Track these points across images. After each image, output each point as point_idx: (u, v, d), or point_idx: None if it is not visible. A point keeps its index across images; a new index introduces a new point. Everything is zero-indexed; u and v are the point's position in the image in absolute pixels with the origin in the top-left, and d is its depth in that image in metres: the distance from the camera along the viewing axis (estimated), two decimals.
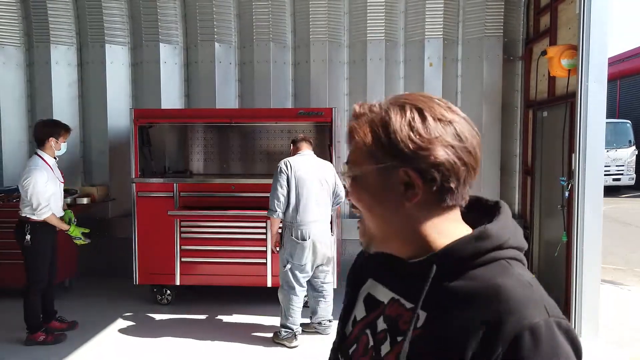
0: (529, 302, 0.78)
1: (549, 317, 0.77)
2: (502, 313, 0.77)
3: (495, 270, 0.82)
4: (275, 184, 4.16)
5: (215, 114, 5.48)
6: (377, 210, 0.87)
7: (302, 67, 6.16)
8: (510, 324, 0.76)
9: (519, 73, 6.03)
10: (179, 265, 5.18)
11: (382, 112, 0.85)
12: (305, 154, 4.36)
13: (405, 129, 0.82)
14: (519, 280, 0.81)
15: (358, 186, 0.88)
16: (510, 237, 0.86)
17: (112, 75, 6.24)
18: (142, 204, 5.20)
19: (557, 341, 0.77)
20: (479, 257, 0.83)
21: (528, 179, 5.91)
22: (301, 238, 4.16)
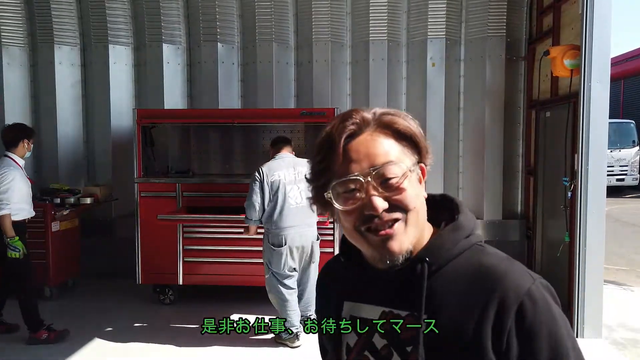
0: (516, 273, 0.89)
1: (535, 280, 0.89)
2: (500, 289, 0.86)
3: (475, 254, 0.93)
4: (250, 192, 4.12)
5: (217, 114, 5.49)
6: (415, 202, 0.91)
7: (305, 67, 6.16)
8: (511, 297, 0.86)
9: (521, 73, 6.03)
10: (181, 265, 5.20)
11: (395, 117, 0.93)
12: (282, 156, 4.25)
13: (419, 130, 0.94)
14: (499, 257, 0.93)
15: (410, 184, 0.91)
16: (474, 225, 0.97)
17: (115, 75, 6.26)
18: (145, 204, 5.21)
19: (546, 298, 0.88)
20: (456, 246, 0.92)
21: (531, 179, 5.90)
22: (277, 244, 4.09)
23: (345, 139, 0.90)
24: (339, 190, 0.90)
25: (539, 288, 0.88)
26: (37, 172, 6.36)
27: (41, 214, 5.29)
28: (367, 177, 0.88)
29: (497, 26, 5.91)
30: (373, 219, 0.89)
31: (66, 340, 4.39)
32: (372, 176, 0.88)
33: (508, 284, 0.87)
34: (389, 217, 0.89)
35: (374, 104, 5.99)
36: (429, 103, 5.99)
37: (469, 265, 0.91)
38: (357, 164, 0.89)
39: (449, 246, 0.92)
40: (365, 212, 0.89)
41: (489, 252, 0.94)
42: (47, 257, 5.34)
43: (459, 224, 0.94)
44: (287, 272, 4.15)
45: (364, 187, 0.89)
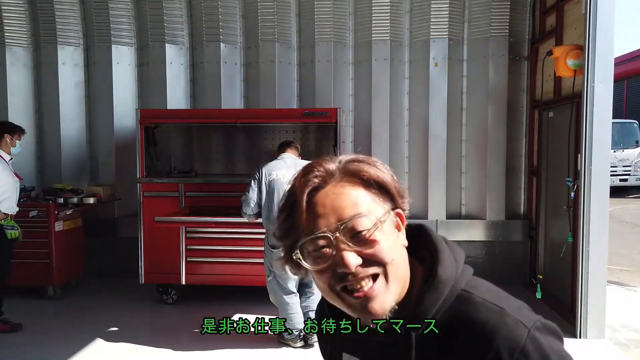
0: (508, 327, 0.82)
1: (529, 330, 0.82)
2: (493, 350, 0.81)
3: (462, 306, 0.85)
4: (247, 188, 4.13)
5: (220, 114, 5.50)
6: (392, 251, 0.85)
7: (307, 67, 6.17)
8: (505, 356, 0.80)
9: (524, 73, 6.01)
10: (184, 265, 5.20)
11: (362, 164, 0.88)
12: (284, 157, 4.23)
13: (389, 175, 0.89)
14: (488, 308, 0.84)
15: (384, 235, 0.84)
16: (456, 269, 0.89)
17: (119, 75, 6.27)
18: (148, 204, 5.22)
19: (543, 346, 0.81)
20: (441, 305, 0.86)
21: (534, 179, 5.89)
22: (272, 246, 4.03)
23: (309, 194, 0.85)
24: (309, 248, 0.85)
25: (534, 338, 0.81)
26: (41, 172, 6.38)
27: (44, 213, 5.33)
28: (336, 233, 0.83)
29: (499, 26, 5.90)
30: (347, 277, 0.83)
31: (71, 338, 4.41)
32: (340, 231, 0.82)
33: (501, 343, 0.81)
34: (364, 273, 0.83)
35: (376, 104, 6.02)
36: (431, 103, 5.98)
37: (458, 322, 0.84)
38: (323, 219, 0.83)
39: (432, 309, 0.86)
40: (338, 270, 0.83)
41: (475, 301, 0.85)
42: (51, 257, 5.36)
43: (439, 280, 0.86)
44: (289, 274, 4.10)
45: (333, 243, 0.83)
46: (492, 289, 0.89)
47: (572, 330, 4.48)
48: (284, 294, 4.12)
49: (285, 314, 4.17)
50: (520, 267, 5.97)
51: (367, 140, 6.06)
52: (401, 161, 6.11)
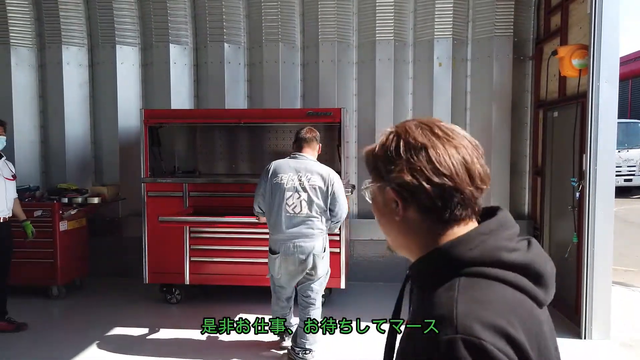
0: (441, 320, 0.82)
1: (456, 335, 0.79)
2: (425, 325, 0.83)
3: (443, 288, 0.87)
4: (257, 185, 3.96)
5: (224, 114, 5.51)
6: (381, 222, 0.99)
7: (311, 67, 6.17)
8: (426, 334, 0.82)
9: (529, 73, 6.00)
10: (188, 265, 5.21)
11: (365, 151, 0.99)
12: (297, 156, 3.86)
13: (382, 152, 0.94)
14: (449, 299, 0.84)
15: (373, 201, 1.00)
16: (465, 253, 0.88)
17: (123, 75, 6.28)
18: (152, 203, 5.23)
19: (456, 357, 0.78)
20: (436, 273, 0.90)
21: (538, 179, 5.87)
22: (272, 251, 3.84)
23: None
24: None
25: (453, 344, 0.78)
26: (45, 172, 6.41)
27: (49, 213, 5.34)
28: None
29: (504, 26, 5.88)
30: None
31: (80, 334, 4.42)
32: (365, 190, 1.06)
33: (428, 323, 0.83)
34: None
35: (380, 104, 6.02)
36: (435, 103, 5.97)
37: (430, 296, 0.88)
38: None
39: (417, 268, 0.95)
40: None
41: (451, 289, 0.85)
42: (55, 256, 5.38)
43: (435, 251, 0.91)
44: (281, 280, 3.91)
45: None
46: (484, 299, 0.84)
47: (577, 331, 4.47)
48: (273, 293, 4.04)
49: (272, 313, 4.10)
50: None
51: (371, 140, 5.94)
52: None
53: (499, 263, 0.87)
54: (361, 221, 6.04)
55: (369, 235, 5.97)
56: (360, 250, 6.05)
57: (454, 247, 0.89)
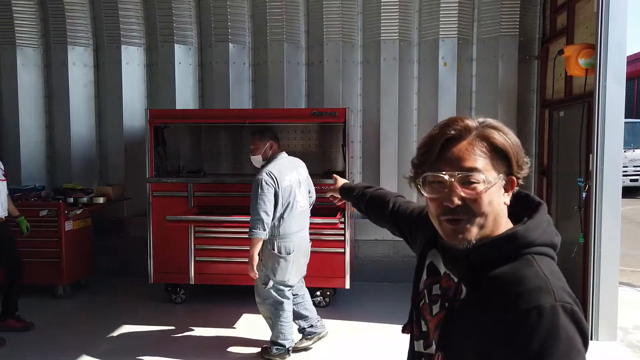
0: (540, 290, 0.97)
1: (556, 302, 0.95)
2: (518, 295, 0.97)
3: (520, 264, 1.03)
4: (261, 199, 3.60)
5: (229, 114, 5.51)
6: (484, 204, 1.06)
7: (316, 67, 6.16)
8: (522, 304, 0.96)
9: (534, 73, 5.96)
10: (193, 265, 5.22)
11: (494, 131, 1.08)
12: (284, 157, 3.94)
13: (514, 146, 1.08)
14: (537, 273, 1.00)
15: (488, 193, 1.06)
16: (539, 236, 1.06)
17: (128, 75, 6.30)
18: (157, 203, 5.24)
19: (559, 322, 0.94)
20: (507, 252, 1.04)
21: (544, 179, 5.84)
22: (285, 252, 3.77)
23: (445, 141, 1.07)
24: (429, 179, 1.08)
25: (555, 308, 0.95)
26: (51, 172, 6.43)
27: (54, 213, 5.36)
28: (452, 178, 1.05)
29: (510, 25, 5.85)
30: (449, 213, 1.06)
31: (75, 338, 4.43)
32: (456, 177, 1.05)
33: (526, 294, 0.97)
34: (457, 215, 1.06)
35: (384, 104, 6.00)
36: (440, 103, 5.95)
37: (509, 271, 1.03)
38: (448, 164, 1.06)
39: (492, 251, 1.06)
40: (444, 203, 1.06)
41: (532, 265, 1.02)
42: (61, 256, 5.40)
43: (512, 234, 1.06)
44: (291, 281, 3.90)
45: (448, 183, 1.05)
46: (555, 271, 1.04)
47: None
48: (283, 299, 3.89)
49: (277, 324, 3.92)
50: None
51: (376, 140, 6.04)
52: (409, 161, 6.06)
53: (553, 245, 1.09)
54: (366, 221, 6.02)
55: (374, 235, 5.96)
56: (365, 250, 6.04)
57: (529, 230, 1.06)
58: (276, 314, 3.92)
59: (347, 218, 5.04)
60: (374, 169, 6.04)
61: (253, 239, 3.69)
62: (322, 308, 5.02)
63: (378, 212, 1.74)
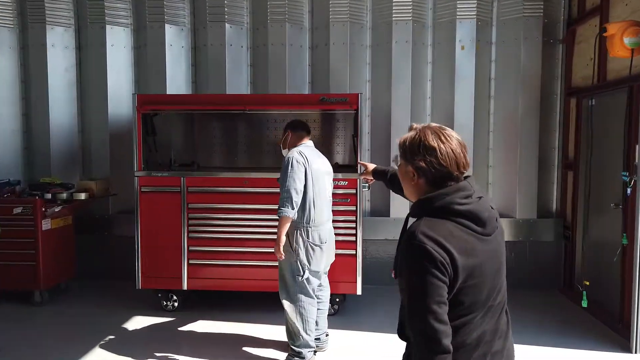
0: (412, 234, 1.41)
1: (415, 241, 1.39)
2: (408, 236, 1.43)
3: (417, 221, 1.48)
4: (291, 177, 3.44)
5: (227, 100, 4.92)
6: (403, 183, 1.62)
7: (321, 50, 5.63)
8: (409, 241, 1.41)
9: (559, 58, 5.48)
10: (186, 268, 4.68)
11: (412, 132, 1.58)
12: (309, 145, 3.75)
13: (409, 145, 1.54)
14: (417, 225, 1.44)
15: (399, 169, 1.62)
16: (434, 202, 1.47)
17: (113, 59, 5.72)
18: (146, 200, 4.69)
19: (417, 242, 1.39)
20: (418, 213, 1.50)
21: (569, 174, 5.38)
22: (319, 240, 3.59)
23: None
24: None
25: (417, 236, 1.39)
26: (28, 165, 5.84)
27: (30, 210, 4.80)
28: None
29: (533, 6, 5.36)
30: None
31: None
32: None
33: (409, 234, 1.43)
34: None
35: (396, 91, 5.50)
36: (457, 90, 5.46)
37: (414, 222, 1.48)
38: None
39: (413, 210, 1.53)
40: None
41: (421, 221, 1.45)
42: (37, 259, 4.84)
43: (420, 201, 1.52)
44: (320, 272, 3.70)
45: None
46: (432, 225, 1.43)
47: (624, 344, 3.99)
48: (313, 297, 3.64)
49: (306, 325, 3.60)
50: (553, 271, 5.47)
51: (386, 132, 5.53)
52: None
53: (450, 210, 1.45)
54: (374, 219, 5.53)
55: (384, 234, 5.48)
56: (373, 251, 5.55)
57: (428, 199, 1.48)
58: (306, 313, 3.60)
59: (359, 216, 4.53)
60: (384, 163, 5.51)
61: (282, 217, 3.45)
62: (330, 316, 4.50)
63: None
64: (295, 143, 3.72)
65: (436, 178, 1.48)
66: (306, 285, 3.58)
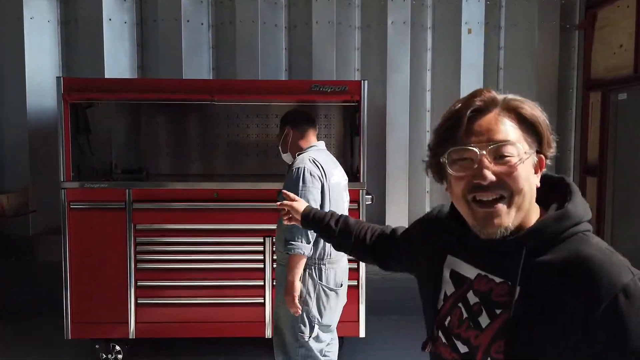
0: (614, 267, 0.93)
1: (634, 276, 0.92)
2: (595, 280, 0.91)
3: (577, 243, 0.98)
4: (304, 197, 2.40)
5: (188, 86, 3.74)
6: (527, 188, 1.00)
7: (300, 31, 4.63)
8: (605, 288, 0.90)
9: (575, 46, 4.78)
10: (133, 310, 3.54)
11: (521, 102, 1.02)
12: (321, 147, 2.75)
13: (544, 121, 1.03)
14: (600, 249, 0.97)
15: (523, 167, 0.99)
16: (584, 213, 1.02)
17: (33, 36, 4.46)
18: (78, 219, 3.51)
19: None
20: (561, 234, 0.98)
21: (587, 178, 4.68)
22: (335, 283, 2.60)
23: (471, 113, 1.00)
24: (454, 157, 1.01)
25: (637, 284, 0.91)
26: None
27: None
28: (483, 150, 0.98)
29: None
30: (479, 189, 0.98)
31: None
32: (487, 150, 0.98)
33: (603, 276, 0.91)
34: (493, 193, 0.97)
35: (392, 82, 4.59)
36: (463, 81, 4.62)
37: (567, 253, 0.96)
38: (476, 137, 0.99)
39: (549, 235, 0.98)
40: (474, 181, 0.98)
41: (590, 242, 0.97)
42: None
43: (565, 213, 0.99)
44: (334, 325, 2.71)
45: (478, 157, 0.98)
46: (604, 243, 1.00)
47: None
48: (321, 356, 2.66)
49: None
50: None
51: (380, 130, 4.61)
52: (422, 156, 4.73)
53: (590, 218, 1.04)
54: None
55: None
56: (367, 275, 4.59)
57: (577, 207, 1.01)
58: None
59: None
60: (379, 167, 4.60)
61: (293, 256, 2.44)
62: None
63: (354, 242, 1.54)
64: (300, 143, 2.71)
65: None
66: (313, 347, 2.56)
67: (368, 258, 1.55)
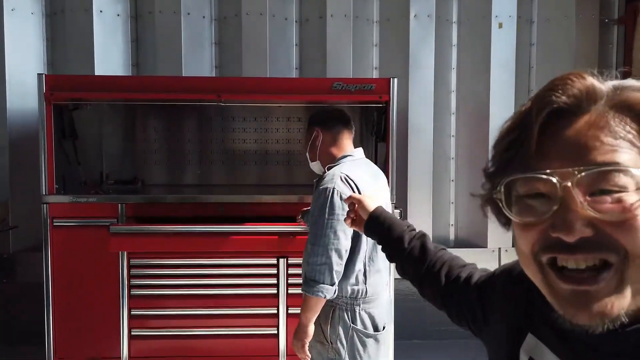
0: None
1: None
2: None
3: None
4: (330, 228, 1.95)
5: (191, 85, 3.27)
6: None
7: (313, 25, 4.19)
8: None
9: (613, 43, 4.37)
10: (126, 343, 3.06)
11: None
12: (358, 156, 2.25)
13: None
14: None
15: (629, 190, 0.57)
16: None
17: (14, 30, 4.01)
18: (62, 238, 3.05)
19: None
20: None
21: None
22: (373, 327, 2.09)
23: (549, 117, 0.61)
24: (520, 190, 0.62)
25: None
26: None
27: None
28: (567, 181, 0.58)
29: None
30: (563, 250, 0.59)
31: None
32: (576, 180, 0.57)
33: None
34: (588, 256, 0.58)
35: (414, 80, 4.16)
36: (493, 81, 4.19)
37: None
38: (557, 158, 0.60)
39: None
40: (552, 233, 0.59)
41: None
42: None
43: None
44: None
45: (559, 194, 0.58)
46: None
47: None
48: None
49: None
50: None
51: (402, 135, 4.15)
52: (445, 163, 4.30)
53: None
54: None
55: None
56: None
57: None
58: None
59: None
60: (400, 176, 4.15)
61: (310, 297, 1.97)
62: None
63: (425, 273, 1.11)
64: (331, 150, 2.22)
65: None
66: None
67: (435, 302, 1.12)
